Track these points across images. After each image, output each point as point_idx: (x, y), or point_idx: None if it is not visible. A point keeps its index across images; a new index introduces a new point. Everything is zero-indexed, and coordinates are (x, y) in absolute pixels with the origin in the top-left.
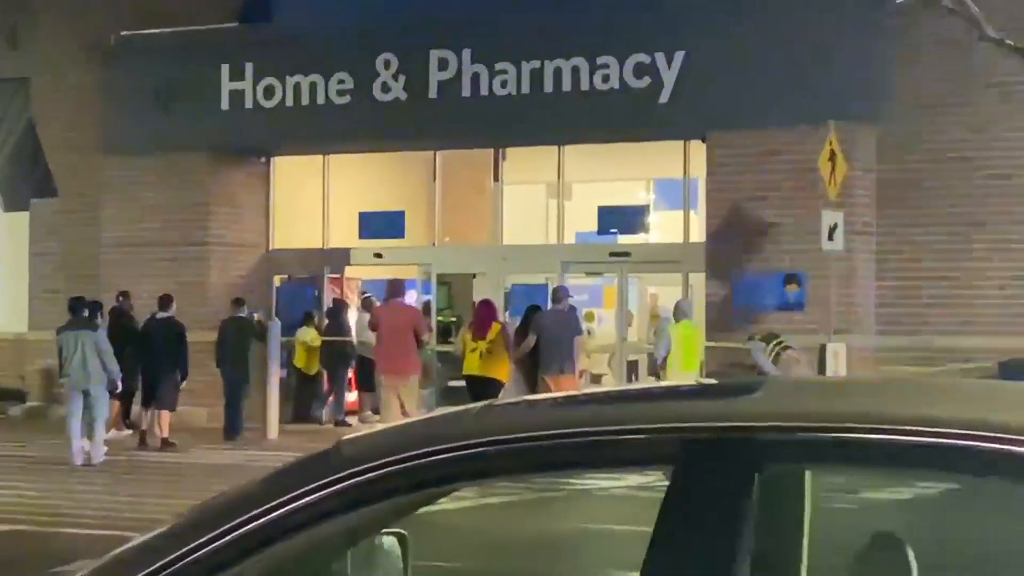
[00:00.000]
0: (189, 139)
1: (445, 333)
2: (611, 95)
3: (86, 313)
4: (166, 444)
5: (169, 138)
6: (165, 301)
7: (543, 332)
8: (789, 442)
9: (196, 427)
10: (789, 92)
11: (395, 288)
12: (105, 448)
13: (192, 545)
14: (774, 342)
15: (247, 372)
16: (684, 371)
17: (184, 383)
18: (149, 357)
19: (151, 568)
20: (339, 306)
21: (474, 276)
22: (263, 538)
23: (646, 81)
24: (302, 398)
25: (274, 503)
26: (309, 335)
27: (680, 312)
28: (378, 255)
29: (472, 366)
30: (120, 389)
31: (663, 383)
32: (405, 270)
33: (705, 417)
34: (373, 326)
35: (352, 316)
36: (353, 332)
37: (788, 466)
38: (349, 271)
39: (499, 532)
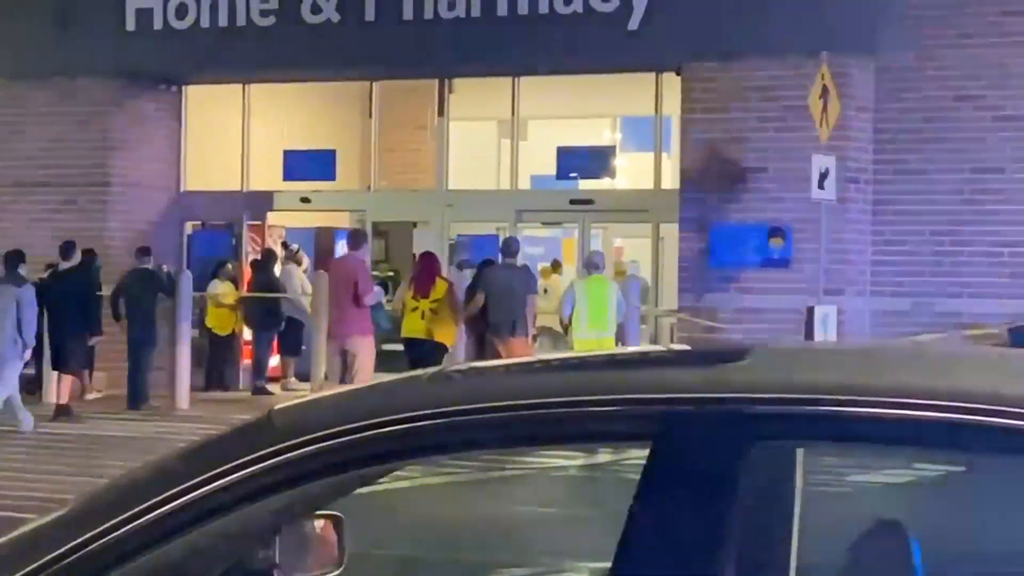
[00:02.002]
0: (89, 64)
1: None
2: (573, 20)
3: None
4: (62, 411)
5: (66, 63)
6: (68, 248)
7: (492, 289)
8: (781, 416)
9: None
10: (776, 19)
11: (353, 239)
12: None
13: (99, 530)
14: None
15: (153, 332)
16: (591, 331)
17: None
18: (56, 314)
19: (48, 558)
20: (268, 257)
21: (415, 225)
22: (181, 522)
23: (614, 4)
24: (215, 362)
25: (195, 482)
26: (222, 290)
27: (591, 265)
28: (305, 200)
29: (413, 328)
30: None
31: (627, 348)
32: (336, 217)
33: (688, 387)
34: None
35: (277, 270)
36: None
37: (779, 443)
38: (272, 217)
39: (444, 515)
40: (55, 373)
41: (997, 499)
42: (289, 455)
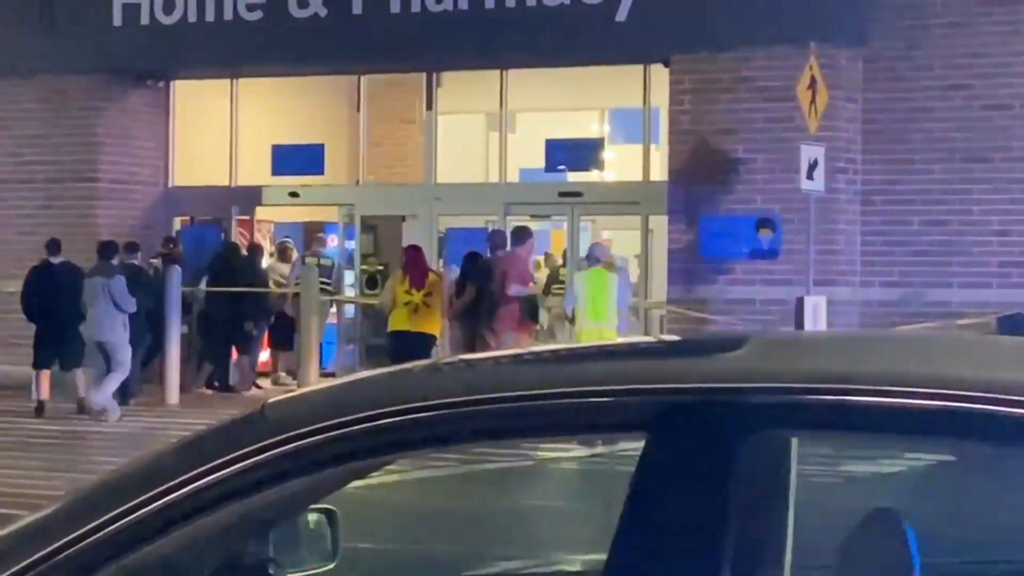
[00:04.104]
0: (76, 60)
1: (370, 284)
2: (561, 12)
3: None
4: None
5: (53, 59)
6: (55, 245)
7: (484, 283)
8: (779, 405)
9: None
10: (764, 9)
11: (513, 234)
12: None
13: (92, 526)
14: None
15: (142, 328)
16: (591, 321)
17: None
18: (50, 308)
19: (40, 554)
20: (254, 252)
21: (403, 219)
22: (175, 516)
23: None
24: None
25: (188, 476)
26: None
27: (591, 258)
28: (294, 194)
29: (402, 321)
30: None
31: (629, 339)
32: (325, 211)
33: (683, 378)
34: None
35: (265, 264)
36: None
37: (776, 433)
38: (260, 212)
39: (435, 509)
40: (39, 369)
41: (991, 486)
42: (282, 449)
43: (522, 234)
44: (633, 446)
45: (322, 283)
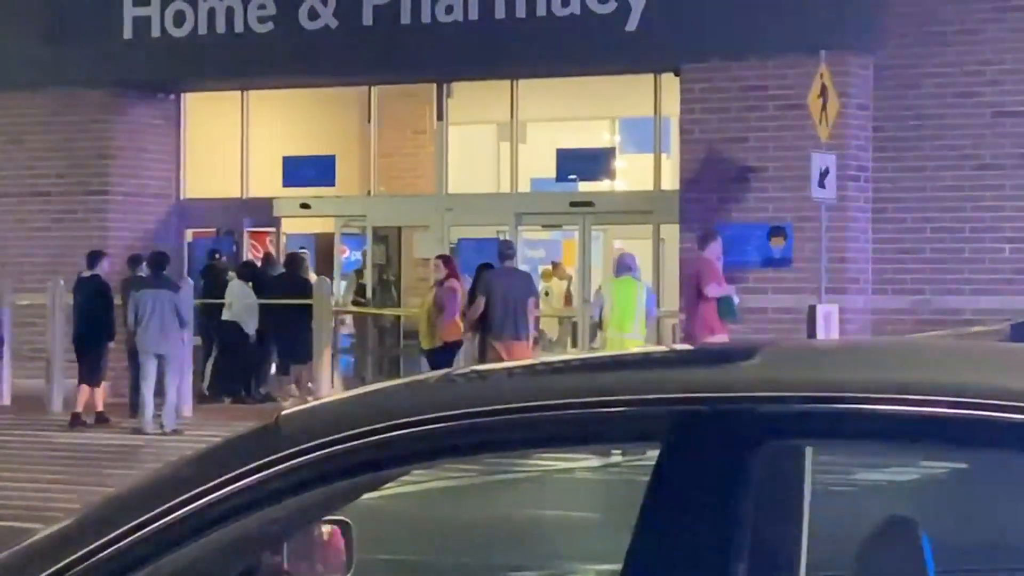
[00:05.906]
0: (86, 73)
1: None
2: (571, 22)
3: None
4: (101, 418)
5: (62, 72)
6: (94, 258)
7: (493, 293)
8: (793, 415)
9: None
10: (774, 18)
11: (700, 238)
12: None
13: (106, 539)
14: None
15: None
16: (616, 331)
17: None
18: (76, 323)
19: (56, 567)
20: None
21: (399, 230)
22: (189, 529)
23: (611, 6)
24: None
25: (202, 488)
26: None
27: (621, 267)
28: (305, 206)
29: (455, 332)
30: None
31: (642, 349)
32: (335, 222)
33: (698, 387)
34: None
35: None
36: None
37: (790, 442)
38: (284, 224)
39: (450, 520)
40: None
41: (1005, 494)
42: (297, 460)
43: (709, 235)
44: (647, 456)
45: None
